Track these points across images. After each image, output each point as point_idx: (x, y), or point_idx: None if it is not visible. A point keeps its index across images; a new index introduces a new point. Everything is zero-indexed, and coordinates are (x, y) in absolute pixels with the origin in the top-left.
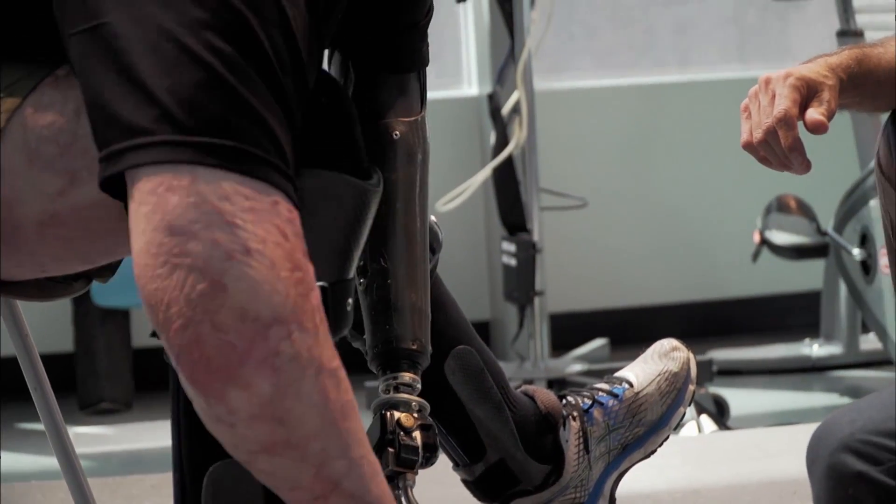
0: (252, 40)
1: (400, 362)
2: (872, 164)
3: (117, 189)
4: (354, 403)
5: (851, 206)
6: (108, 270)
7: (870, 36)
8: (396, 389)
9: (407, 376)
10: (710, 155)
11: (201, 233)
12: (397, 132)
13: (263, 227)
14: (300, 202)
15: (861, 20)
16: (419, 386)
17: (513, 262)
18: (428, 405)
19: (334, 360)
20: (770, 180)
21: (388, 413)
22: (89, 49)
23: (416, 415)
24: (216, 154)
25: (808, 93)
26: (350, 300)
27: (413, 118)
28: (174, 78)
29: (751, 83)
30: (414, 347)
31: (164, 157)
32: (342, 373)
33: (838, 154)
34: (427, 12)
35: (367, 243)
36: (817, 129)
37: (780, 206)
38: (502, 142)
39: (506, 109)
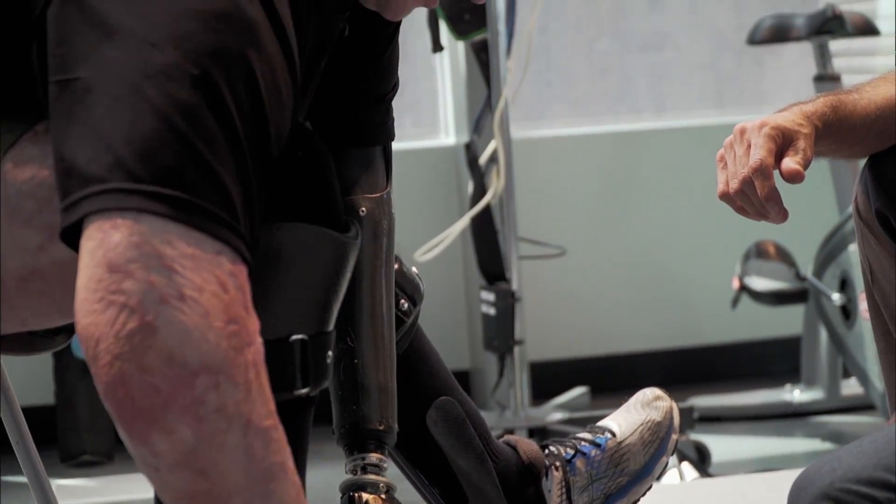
0: (214, 93)
1: (367, 443)
2: (851, 209)
3: (74, 243)
4: (286, 465)
5: (831, 251)
6: None
7: (847, 80)
8: (364, 470)
9: (374, 457)
10: (688, 201)
11: (138, 272)
12: (363, 209)
13: (202, 275)
14: (278, 256)
15: (838, 64)
16: (387, 466)
17: (492, 311)
18: (395, 486)
19: (267, 419)
20: (749, 226)
21: (357, 494)
22: (58, 102)
23: (383, 496)
24: (165, 203)
25: (783, 142)
26: (330, 352)
27: (378, 194)
28: (132, 128)
29: (727, 129)
30: (381, 428)
31: (113, 203)
32: (276, 433)
33: (817, 199)
34: (394, 86)
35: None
36: (793, 178)
37: (758, 252)
38: (480, 191)
39: (483, 159)
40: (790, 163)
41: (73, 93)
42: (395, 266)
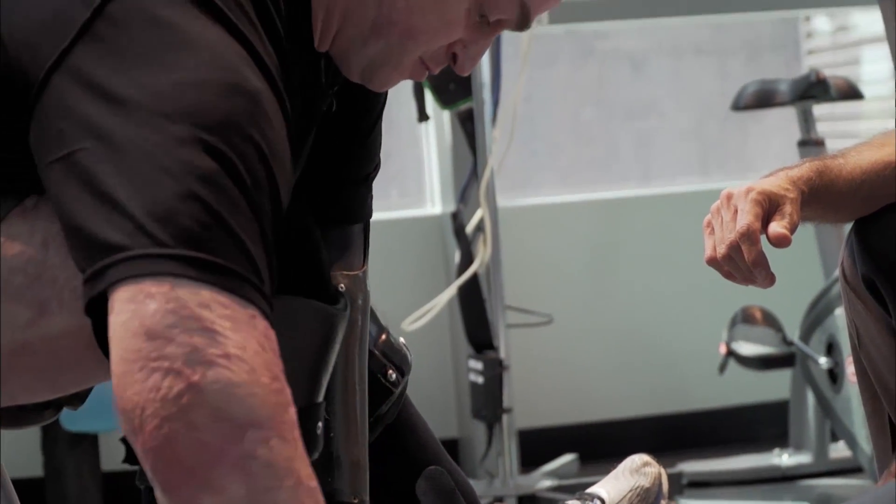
0: (229, 162)
1: None
2: (837, 273)
3: (98, 313)
4: None
5: (817, 315)
6: (77, 398)
7: (831, 144)
8: None
9: None
10: (674, 267)
11: (179, 337)
12: (342, 285)
13: (242, 335)
14: None
15: (822, 129)
16: None
17: (480, 379)
18: None
19: (313, 480)
20: (735, 291)
21: None
22: (65, 175)
23: None
24: (195, 267)
25: (769, 207)
26: (320, 424)
27: (355, 272)
28: (148, 193)
29: (712, 195)
30: (355, 502)
31: (143, 270)
32: (320, 496)
33: (802, 263)
34: (376, 166)
35: None
36: (780, 242)
37: (745, 317)
38: (467, 260)
39: (469, 228)
40: (777, 227)
41: (81, 164)
42: (383, 337)
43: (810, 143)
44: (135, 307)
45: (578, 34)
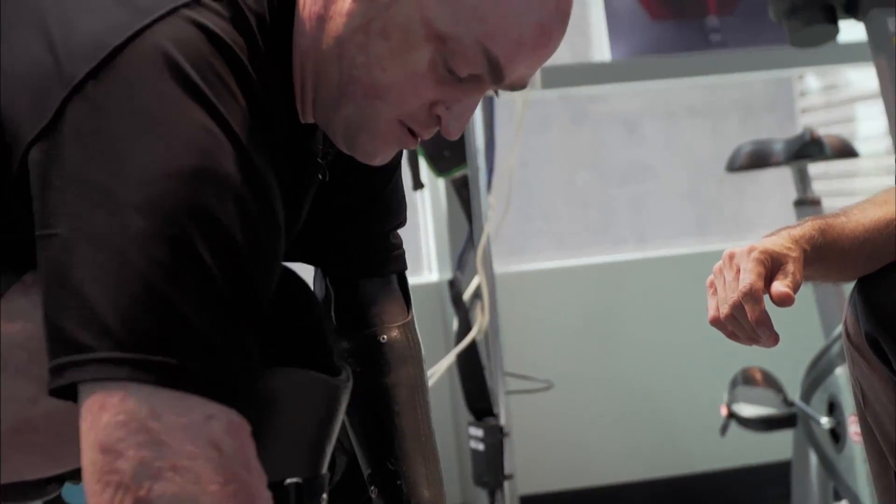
0: (193, 252)
1: None
2: (837, 331)
3: (71, 394)
4: None
5: (818, 375)
6: (80, 473)
7: (827, 203)
8: None
9: None
10: (673, 330)
11: (129, 451)
12: (384, 336)
13: (194, 442)
14: (269, 401)
15: (818, 187)
16: None
17: (481, 446)
18: None
19: None
20: (734, 353)
21: None
22: (41, 257)
23: None
24: (151, 371)
25: (772, 266)
26: (325, 495)
27: (401, 322)
28: (114, 292)
29: (709, 257)
30: None
31: (101, 374)
32: None
33: (802, 323)
34: (400, 221)
35: (369, 452)
36: (784, 301)
37: (745, 378)
38: (465, 327)
39: (467, 295)
40: (780, 286)
41: (53, 249)
42: None
43: (807, 203)
44: (91, 418)
45: (572, 98)
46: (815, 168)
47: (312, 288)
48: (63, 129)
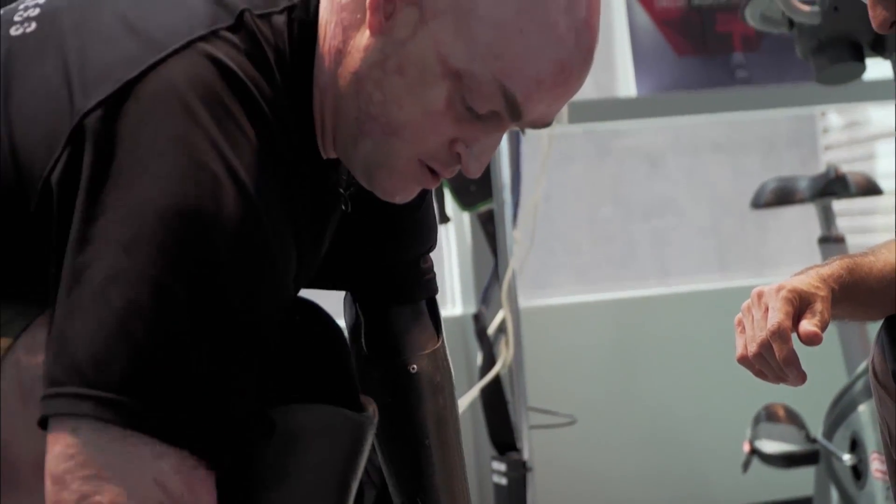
0: (173, 297)
1: None
2: (860, 368)
3: None
4: None
5: (840, 412)
6: None
7: (851, 241)
8: None
9: None
10: (695, 366)
11: (72, 484)
12: (414, 366)
13: (136, 480)
14: (295, 438)
15: (842, 224)
16: None
17: (504, 481)
18: None
19: None
20: (757, 389)
21: None
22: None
23: None
24: (108, 408)
25: (800, 304)
26: None
27: (429, 350)
28: (91, 333)
29: (731, 293)
30: None
31: (61, 409)
32: None
33: (824, 360)
34: (429, 247)
35: (398, 486)
36: (812, 341)
37: (768, 415)
38: (489, 361)
39: (491, 329)
40: (808, 325)
41: (57, 285)
42: None
43: (831, 240)
44: (49, 448)
45: (596, 133)
46: (837, 204)
47: (343, 313)
48: (64, 168)
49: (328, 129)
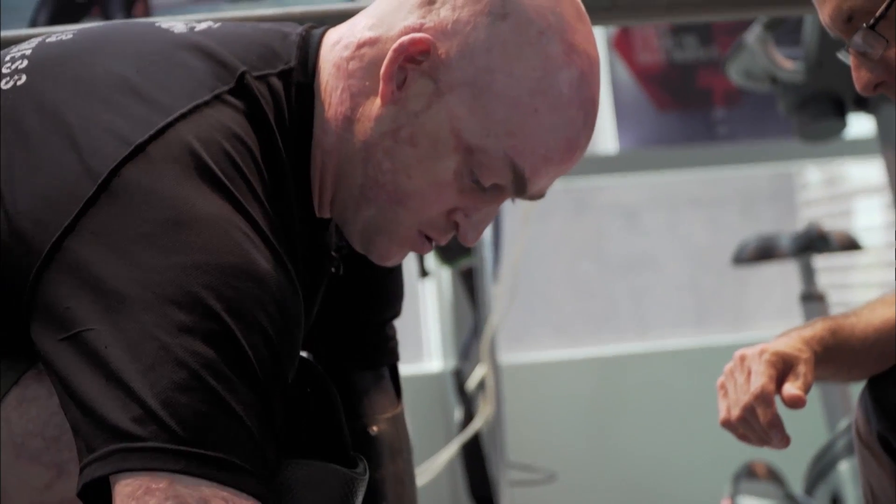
0: (234, 346)
1: None
2: (841, 426)
3: (94, 492)
4: None
5: (821, 469)
6: None
7: (834, 297)
8: None
9: None
10: (675, 423)
11: None
12: (374, 428)
13: None
14: (287, 493)
15: (822, 281)
16: None
17: None
18: None
19: None
20: (737, 447)
21: None
22: (74, 354)
23: None
24: (196, 462)
25: (783, 367)
26: None
27: (391, 413)
28: (155, 380)
29: (709, 351)
30: None
31: (146, 463)
32: None
33: (805, 416)
34: (394, 313)
35: None
36: (795, 404)
37: (748, 472)
38: (468, 417)
39: (471, 385)
40: (791, 389)
41: (90, 345)
42: None
43: (813, 298)
44: (135, 503)
45: (574, 188)
46: (817, 261)
47: None
48: (90, 227)
49: (327, 190)
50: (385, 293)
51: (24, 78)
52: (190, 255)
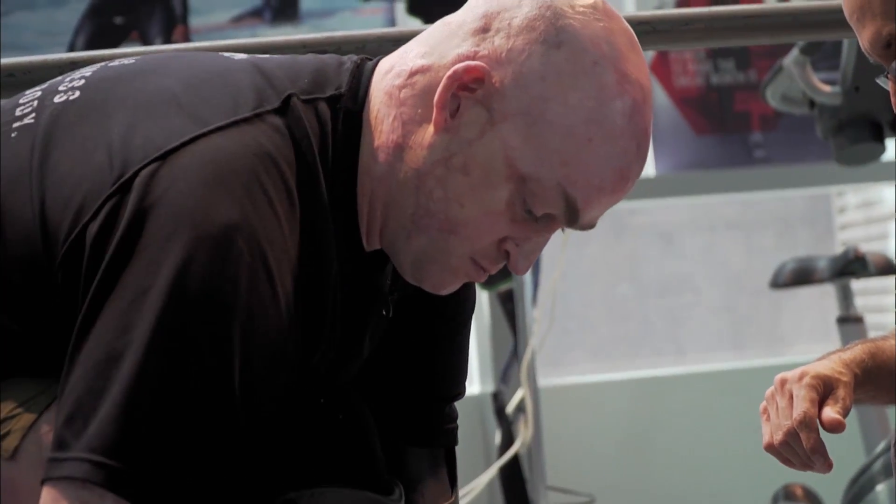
0: (183, 373)
1: None
2: (879, 448)
3: None
4: None
5: (859, 491)
6: None
7: (870, 320)
8: None
9: None
10: (712, 446)
11: None
12: None
13: None
14: None
15: (858, 303)
16: None
17: None
18: None
19: None
20: (774, 469)
21: None
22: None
23: None
24: (112, 476)
25: (824, 390)
26: None
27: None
28: (96, 397)
29: (745, 374)
30: None
31: (63, 472)
32: None
33: (843, 438)
34: (459, 392)
35: None
36: (835, 428)
37: (786, 494)
38: (508, 440)
39: (510, 408)
40: (831, 413)
41: (70, 356)
42: None
43: (850, 320)
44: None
45: (611, 211)
46: (854, 284)
47: None
48: (102, 226)
49: (376, 219)
50: (453, 369)
51: (77, 94)
52: (171, 272)
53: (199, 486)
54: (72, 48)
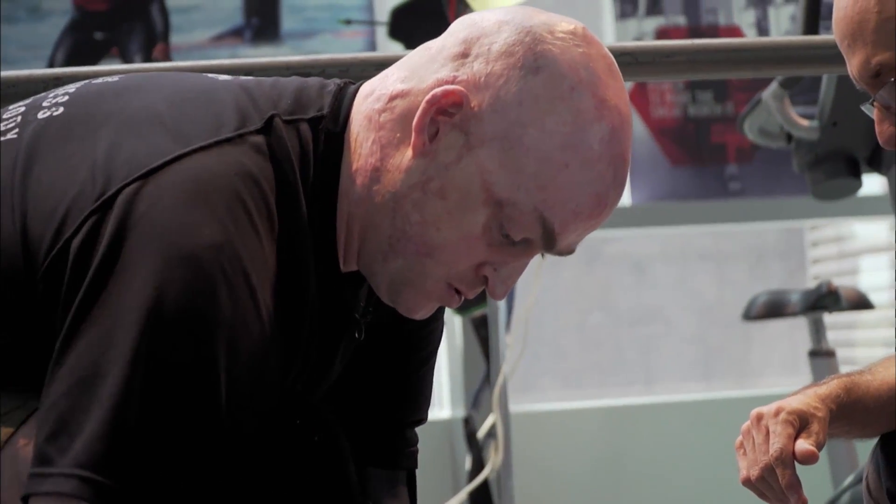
0: (157, 387)
1: None
2: (846, 481)
3: None
4: None
5: None
6: None
7: (842, 354)
8: None
9: None
10: (679, 474)
11: None
12: None
13: None
14: None
15: (831, 337)
16: None
17: None
18: None
19: None
20: (743, 498)
21: None
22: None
23: None
24: (96, 490)
25: (800, 425)
26: None
27: None
28: (80, 414)
29: (715, 404)
30: None
31: (45, 488)
32: None
33: (811, 470)
34: (420, 418)
35: None
36: (808, 460)
37: None
38: (478, 466)
39: (481, 433)
40: (805, 444)
41: (51, 372)
42: None
43: (822, 354)
44: None
45: (586, 240)
46: (828, 317)
47: None
48: (83, 241)
49: (354, 241)
50: (418, 395)
51: (61, 110)
52: (153, 288)
53: (184, 503)
54: (52, 63)
